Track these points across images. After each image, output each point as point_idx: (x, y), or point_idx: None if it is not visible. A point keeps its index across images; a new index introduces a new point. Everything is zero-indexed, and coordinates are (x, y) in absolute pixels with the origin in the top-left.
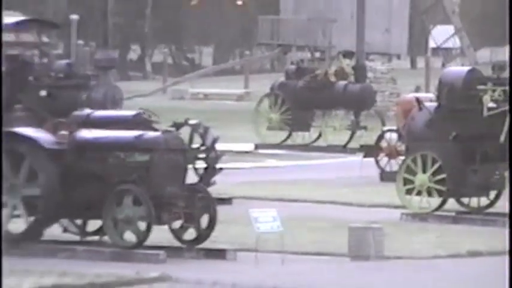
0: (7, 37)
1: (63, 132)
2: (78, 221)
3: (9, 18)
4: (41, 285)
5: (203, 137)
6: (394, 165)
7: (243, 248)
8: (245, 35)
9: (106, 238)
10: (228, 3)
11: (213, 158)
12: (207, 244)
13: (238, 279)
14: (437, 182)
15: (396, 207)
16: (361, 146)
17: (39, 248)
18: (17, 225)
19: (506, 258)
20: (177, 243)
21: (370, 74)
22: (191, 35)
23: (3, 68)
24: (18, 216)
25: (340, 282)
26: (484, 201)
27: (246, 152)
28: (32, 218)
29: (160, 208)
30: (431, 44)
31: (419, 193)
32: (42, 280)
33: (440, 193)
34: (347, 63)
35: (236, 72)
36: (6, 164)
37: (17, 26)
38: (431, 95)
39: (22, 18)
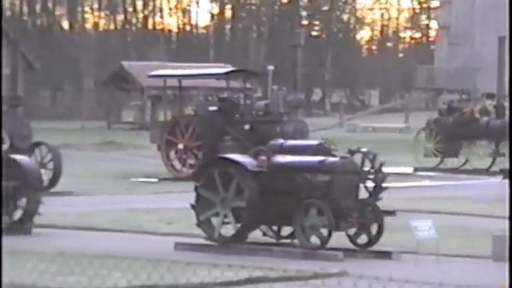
0: (220, 83)
1: (263, 157)
2: (274, 227)
3: (221, 69)
4: (248, 278)
5: (372, 161)
6: None
7: (406, 250)
8: (405, 80)
9: (296, 241)
10: (391, 54)
11: (380, 178)
12: (376, 247)
13: (409, 276)
14: None
15: None
16: (501, 170)
17: (244, 248)
18: (228, 230)
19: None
20: (352, 246)
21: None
22: (362, 81)
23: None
24: (228, 223)
25: (485, 280)
26: None
27: (407, 174)
28: (239, 225)
29: (339, 218)
30: None
31: None
32: (245, 273)
33: None
34: (489, 103)
35: (398, 110)
36: (219, 182)
37: (227, 75)
38: None
39: (231, 69)
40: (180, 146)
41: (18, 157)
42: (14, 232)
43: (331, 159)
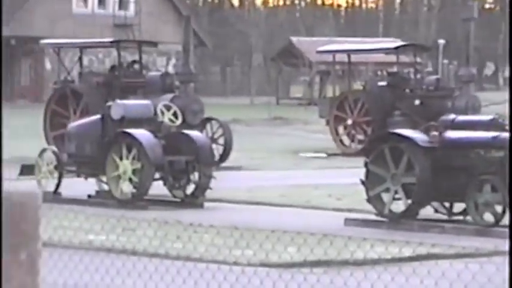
0: (389, 58)
1: (434, 133)
2: (446, 204)
3: (390, 43)
4: (418, 254)
5: None
6: None
7: None
8: None
9: (469, 218)
10: None
11: None
12: None
13: None
14: None
15: None
16: None
17: (415, 225)
18: (398, 206)
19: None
20: None
21: None
22: None
23: (385, 82)
24: (399, 199)
25: None
26: None
27: None
28: (409, 201)
29: None
30: None
31: None
32: (417, 249)
33: None
34: None
35: None
36: (389, 157)
37: (397, 50)
38: None
39: (401, 43)
40: (349, 121)
41: (191, 132)
42: (187, 206)
43: (505, 134)
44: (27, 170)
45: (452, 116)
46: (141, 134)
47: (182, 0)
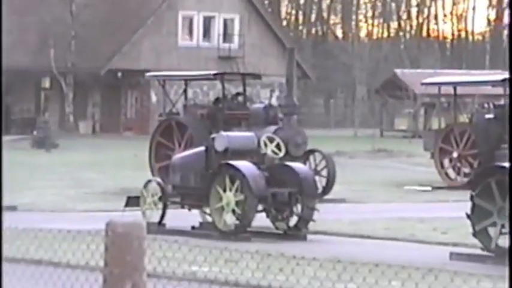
0: (497, 90)
1: None
2: None
3: (497, 76)
4: None
5: None
6: None
7: None
8: None
9: None
10: None
11: None
12: None
13: None
14: None
15: None
16: None
17: None
18: (505, 240)
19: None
20: None
21: None
22: None
23: None
24: (506, 233)
25: None
26: None
27: None
28: None
29: None
30: None
31: None
32: None
33: None
34: None
35: None
36: (496, 191)
37: (504, 82)
38: None
39: (508, 75)
40: (455, 154)
41: (294, 164)
42: (290, 238)
43: None
44: (132, 201)
45: None
46: (245, 165)
47: (286, 33)
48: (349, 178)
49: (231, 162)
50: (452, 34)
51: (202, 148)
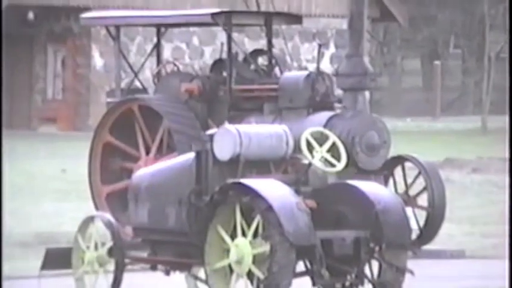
0: None
1: None
2: None
3: None
4: None
5: None
6: None
7: None
8: None
9: None
10: None
11: None
12: None
13: None
14: None
15: None
16: None
17: None
18: None
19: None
20: None
21: None
22: None
23: None
24: None
25: None
26: None
27: None
28: None
29: None
30: None
31: None
32: None
33: None
34: None
35: None
36: None
37: None
38: None
39: None
40: None
41: (366, 185)
42: None
43: None
44: (56, 258)
45: None
46: (271, 188)
47: None
48: (473, 210)
49: (245, 181)
50: None
51: (190, 155)
